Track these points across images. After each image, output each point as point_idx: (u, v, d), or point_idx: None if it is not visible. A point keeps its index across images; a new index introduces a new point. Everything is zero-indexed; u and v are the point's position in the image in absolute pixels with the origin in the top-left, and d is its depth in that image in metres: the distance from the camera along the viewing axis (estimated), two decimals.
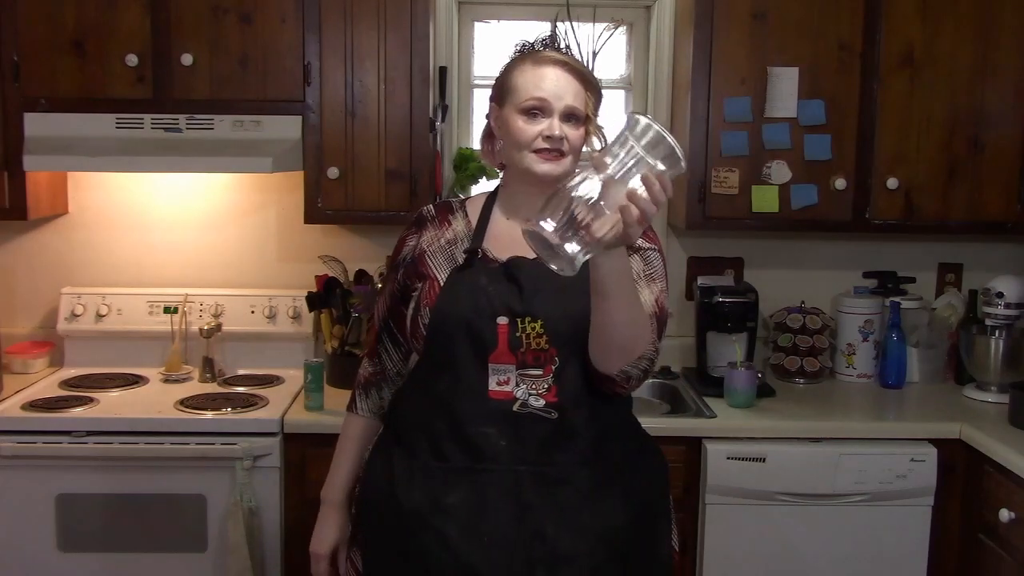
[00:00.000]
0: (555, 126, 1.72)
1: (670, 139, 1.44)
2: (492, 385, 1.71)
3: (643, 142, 1.45)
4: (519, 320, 1.71)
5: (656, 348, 1.72)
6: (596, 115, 1.79)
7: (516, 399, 1.71)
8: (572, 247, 1.43)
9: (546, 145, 1.73)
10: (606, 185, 1.44)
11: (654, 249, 1.81)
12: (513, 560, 1.67)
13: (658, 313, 1.74)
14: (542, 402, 1.71)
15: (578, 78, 1.76)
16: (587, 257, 1.47)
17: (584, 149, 1.81)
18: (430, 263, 1.81)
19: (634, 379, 1.71)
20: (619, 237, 1.45)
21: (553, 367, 1.71)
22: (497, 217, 1.84)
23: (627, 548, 1.75)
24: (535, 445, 1.71)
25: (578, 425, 1.73)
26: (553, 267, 1.46)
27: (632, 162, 1.45)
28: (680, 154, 1.45)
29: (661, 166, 1.45)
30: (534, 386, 1.71)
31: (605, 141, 1.82)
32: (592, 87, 1.78)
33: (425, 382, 1.78)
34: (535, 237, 1.45)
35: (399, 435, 1.82)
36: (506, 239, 1.81)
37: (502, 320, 1.71)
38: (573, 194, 1.44)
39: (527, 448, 1.71)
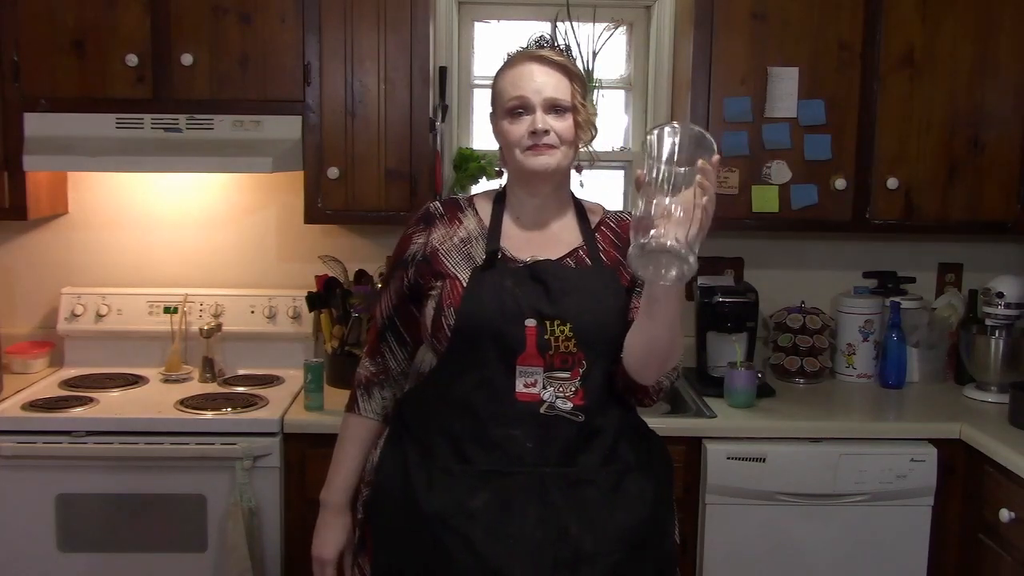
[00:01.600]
0: (538, 120, 1.72)
1: (695, 130, 1.51)
2: (519, 387, 1.71)
3: (670, 145, 1.50)
4: (548, 322, 1.70)
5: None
6: (584, 102, 1.77)
7: (543, 401, 1.71)
8: (686, 250, 1.48)
9: (534, 141, 1.73)
10: (674, 193, 1.49)
11: None
12: (538, 561, 1.67)
13: None
14: (569, 405, 1.71)
15: (557, 69, 1.74)
16: (694, 261, 1.50)
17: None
18: (446, 262, 1.79)
19: (664, 389, 1.78)
20: (702, 233, 1.49)
21: (581, 370, 1.72)
22: (508, 219, 1.84)
23: (643, 545, 1.76)
24: (559, 447, 1.71)
25: (601, 427, 1.74)
26: (670, 277, 1.50)
27: (673, 167, 1.49)
28: (710, 138, 1.51)
29: (697, 159, 1.50)
30: (561, 389, 1.71)
31: (595, 131, 1.81)
32: (574, 76, 1.76)
33: (445, 383, 1.76)
34: (648, 255, 1.48)
35: (414, 437, 1.80)
36: (521, 239, 1.81)
37: (530, 322, 1.70)
38: (657, 206, 1.48)
39: (552, 450, 1.71)
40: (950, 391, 2.98)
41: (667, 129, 1.51)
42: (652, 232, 1.47)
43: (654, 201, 1.49)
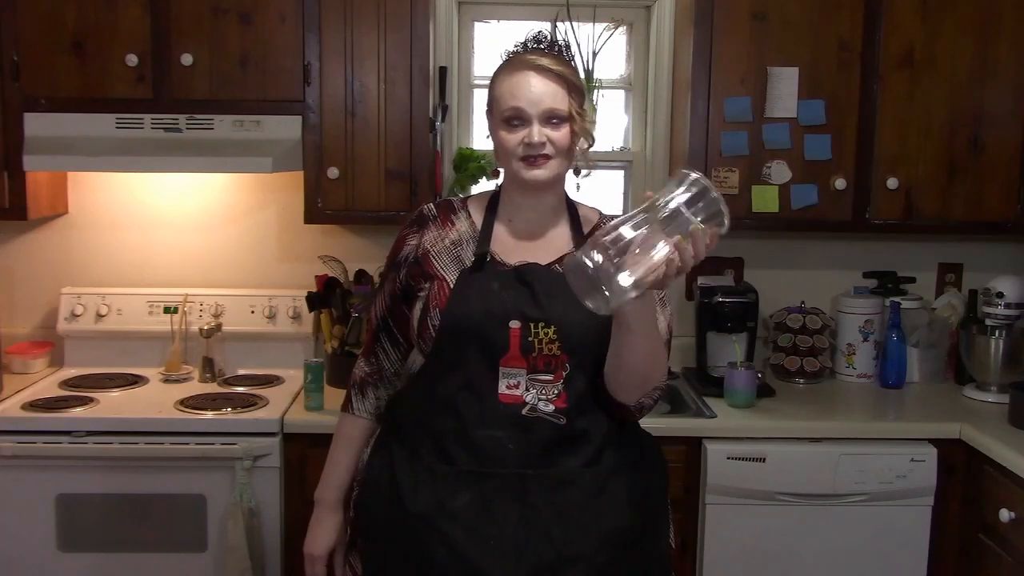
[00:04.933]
0: (534, 133, 1.71)
1: (717, 196, 1.49)
2: (502, 388, 1.71)
3: (691, 195, 1.49)
4: (532, 324, 1.70)
5: (667, 373, 1.78)
6: (581, 112, 1.75)
7: (525, 403, 1.71)
8: (612, 285, 1.45)
9: (529, 152, 1.72)
10: (653, 232, 1.47)
11: None
12: (519, 563, 1.67)
13: (668, 337, 1.79)
14: (551, 407, 1.71)
15: (555, 79, 1.73)
16: (624, 298, 1.48)
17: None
18: (436, 264, 1.79)
19: (646, 408, 1.78)
20: (656, 283, 1.49)
21: (564, 373, 1.72)
22: (500, 221, 1.84)
23: (630, 547, 1.76)
24: (542, 449, 1.71)
25: (585, 430, 1.74)
26: (588, 304, 1.48)
27: (680, 214, 1.49)
28: (725, 212, 1.50)
29: (700, 222, 1.49)
30: (544, 391, 1.71)
31: (592, 139, 1.81)
32: (572, 85, 1.75)
33: (431, 384, 1.77)
34: (576, 271, 1.47)
35: (401, 437, 1.81)
36: (512, 243, 1.81)
37: (514, 323, 1.70)
38: (621, 233, 1.46)
39: (534, 452, 1.71)
40: (950, 391, 2.98)
41: (703, 180, 1.50)
42: (599, 252, 1.45)
43: (637, 226, 1.48)
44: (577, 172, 1.87)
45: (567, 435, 1.72)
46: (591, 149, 1.83)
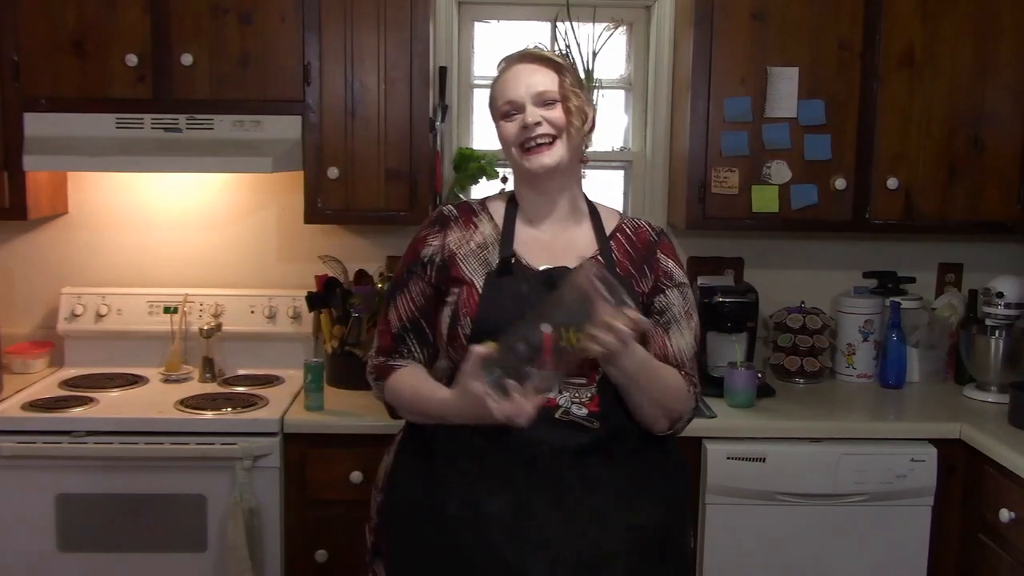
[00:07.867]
0: (528, 114, 1.75)
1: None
2: None
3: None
4: (563, 329, 1.69)
5: (697, 392, 1.82)
6: (575, 90, 1.79)
7: (559, 407, 1.71)
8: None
9: (527, 135, 1.75)
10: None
11: (687, 284, 1.89)
12: (558, 563, 1.67)
13: (695, 348, 1.83)
14: (584, 411, 1.72)
15: (543, 64, 1.79)
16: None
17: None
18: (463, 267, 1.79)
19: (682, 425, 1.82)
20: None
21: (597, 377, 1.72)
22: (520, 222, 1.84)
23: (661, 544, 1.77)
24: (575, 451, 1.71)
25: (617, 433, 1.75)
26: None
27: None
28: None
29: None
30: (577, 395, 1.72)
31: (587, 117, 1.81)
32: (561, 67, 1.80)
33: None
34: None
35: (429, 441, 1.79)
36: (536, 245, 1.82)
37: (546, 328, 1.69)
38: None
39: (567, 454, 1.71)
40: (950, 391, 2.98)
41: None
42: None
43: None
44: (585, 162, 1.88)
45: (600, 438, 1.73)
46: (591, 149, 1.84)
